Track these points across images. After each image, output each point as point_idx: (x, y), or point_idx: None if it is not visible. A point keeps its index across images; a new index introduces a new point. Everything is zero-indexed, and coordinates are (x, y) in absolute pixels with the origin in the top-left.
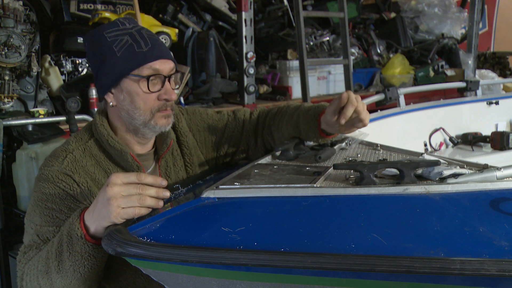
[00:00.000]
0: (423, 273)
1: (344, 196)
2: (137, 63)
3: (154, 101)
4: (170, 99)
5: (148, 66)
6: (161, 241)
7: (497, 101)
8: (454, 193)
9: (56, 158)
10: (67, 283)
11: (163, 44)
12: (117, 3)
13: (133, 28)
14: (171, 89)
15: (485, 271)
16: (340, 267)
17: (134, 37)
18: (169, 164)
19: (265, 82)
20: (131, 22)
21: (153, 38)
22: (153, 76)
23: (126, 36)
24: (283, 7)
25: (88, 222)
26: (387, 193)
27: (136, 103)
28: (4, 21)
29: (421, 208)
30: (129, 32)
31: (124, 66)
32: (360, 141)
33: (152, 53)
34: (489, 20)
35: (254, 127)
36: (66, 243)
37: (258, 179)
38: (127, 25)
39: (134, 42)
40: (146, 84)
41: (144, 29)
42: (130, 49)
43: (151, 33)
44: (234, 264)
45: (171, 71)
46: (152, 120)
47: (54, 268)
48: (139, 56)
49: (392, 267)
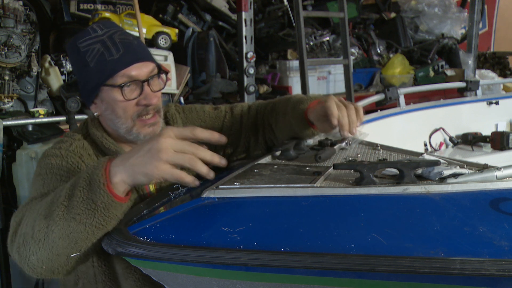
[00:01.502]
0: (423, 273)
1: (344, 196)
2: (109, 72)
3: (133, 108)
4: (150, 104)
5: (121, 74)
6: (161, 241)
7: (497, 101)
8: (454, 193)
9: (62, 143)
10: (65, 235)
11: (139, 46)
12: (117, 3)
13: (105, 34)
14: (151, 93)
15: (485, 271)
16: (340, 267)
17: (105, 45)
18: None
19: (265, 82)
20: (105, 27)
21: (126, 42)
22: (127, 83)
23: (97, 44)
24: (283, 7)
25: (116, 169)
26: (387, 193)
27: (116, 112)
28: (4, 21)
29: (421, 208)
30: (101, 40)
31: (98, 76)
32: (360, 141)
33: (125, 59)
34: (489, 20)
35: (254, 124)
36: (82, 187)
37: (258, 179)
38: (99, 31)
39: (105, 50)
40: (120, 92)
41: (118, 32)
42: (102, 58)
43: (125, 37)
44: (234, 264)
45: (150, 73)
46: (134, 128)
47: (56, 213)
48: (110, 65)
49: (392, 267)
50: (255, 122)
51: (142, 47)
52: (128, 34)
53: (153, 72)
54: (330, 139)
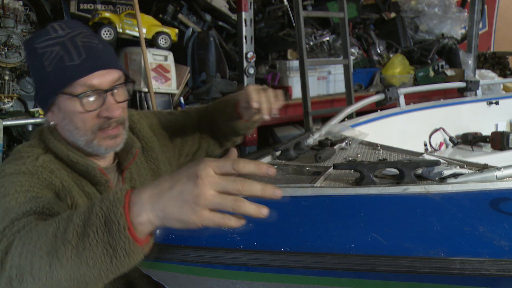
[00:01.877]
0: (423, 273)
1: (344, 196)
2: (68, 80)
3: (93, 120)
4: (112, 116)
5: (82, 82)
6: (161, 241)
7: (497, 101)
8: (454, 193)
9: (23, 159)
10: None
11: (104, 52)
12: (117, 3)
13: (66, 35)
14: (114, 105)
15: (485, 271)
16: (340, 267)
17: (66, 47)
18: (133, 175)
19: (265, 82)
20: (67, 27)
21: (89, 46)
22: (87, 93)
23: (57, 46)
24: (283, 7)
25: (140, 208)
26: (387, 193)
27: (74, 123)
28: (4, 21)
29: (421, 208)
30: (61, 42)
31: (55, 83)
32: (360, 141)
33: (86, 65)
34: (489, 20)
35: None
36: (96, 226)
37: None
38: (59, 32)
39: (65, 53)
40: (79, 102)
41: (82, 34)
42: (60, 63)
43: (90, 40)
44: (234, 264)
45: (114, 82)
46: (95, 141)
47: (63, 253)
48: (69, 71)
49: (392, 267)
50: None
51: (108, 53)
52: (94, 36)
53: (119, 81)
54: (330, 139)
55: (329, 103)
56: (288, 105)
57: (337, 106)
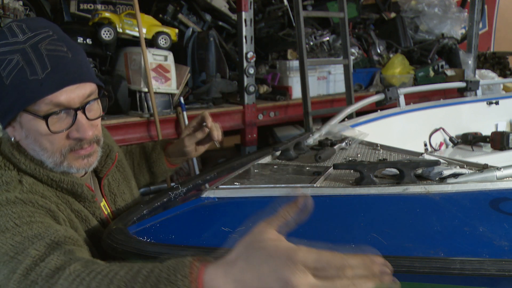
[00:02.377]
0: (423, 273)
1: (344, 196)
2: (31, 98)
3: (63, 141)
4: (84, 138)
5: (47, 101)
6: (161, 241)
7: (497, 101)
8: (454, 193)
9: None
10: None
11: (74, 61)
12: (117, 3)
13: (27, 41)
14: (86, 124)
15: (485, 271)
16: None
17: (28, 57)
18: (110, 181)
19: (265, 82)
20: (29, 29)
21: (56, 56)
22: (54, 113)
23: (16, 54)
24: (283, 7)
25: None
26: (387, 193)
27: (40, 144)
28: (4, 21)
29: (421, 208)
30: (21, 49)
31: (15, 98)
32: (360, 141)
33: (53, 80)
34: (489, 20)
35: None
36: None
37: (258, 179)
38: (19, 36)
39: (27, 65)
40: (45, 124)
41: (47, 40)
42: (21, 76)
43: (56, 46)
44: None
45: (86, 98)
46: (64, 163)
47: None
48: (32, 87)
49: (392, 267)
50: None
51: (78, 62)
52: (62, 41)
53: (91, 96)
54: (330, 139)
55: (329, 103)
56: (288, 105)
57: (337, 106)
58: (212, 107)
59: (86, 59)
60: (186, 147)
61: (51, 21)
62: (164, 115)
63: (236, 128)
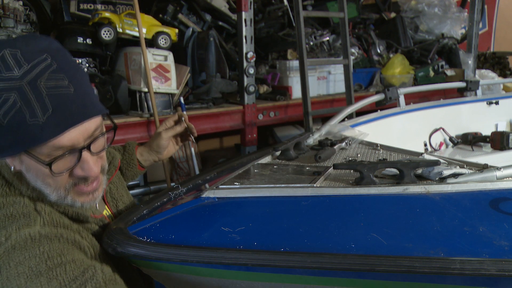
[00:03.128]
0: (423, 273)
1: (344, 196)
2: (32, 142)
3: (67, 178)
4: (88, 176)
5: (50, 145)
6: (161, 241)
7: (497, 101)
8: (454, 193)
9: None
10: None
11: (77, 96)
12: (117, 3)
13: (24, 76)
14: (91, 162)
15: (485, 271)
16: (340, 267)
17: (26, 97)
18: (112, 188)
19: (265, 82)
20: (25, 60)
21: (57, 94)
22: (57, 157)
23: (13, 93)
24: (283, 7)
25: None
26: (387, 193)
27: (43, 180)
28: (4, 21)
29: (421, 208)
30: (18, 87)
31: (13, 142)
32: (360, 141)
33: (55, 124)
34: (489, 20)
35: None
36: None
37: (258, 179)
38: (15, 71)
39: (26, 106)
40: (48, 169)
41: (45, 74)
42: (20, 119)
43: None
44: (234, 264)
45: (91, 136)
46: (68, 197)
47: None
48: (33, 131)
49: (392, 267)
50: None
51: (81, 97)
52: (61, 71)
53: (97, 131)
54: (330, 139)
55: (329, 103)
56: (288, 105)
57: (337, 106)
58: (212, 107)
59: (89, 87)
60: (162, 139)
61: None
62: (164, 115)
63: (236, 128)
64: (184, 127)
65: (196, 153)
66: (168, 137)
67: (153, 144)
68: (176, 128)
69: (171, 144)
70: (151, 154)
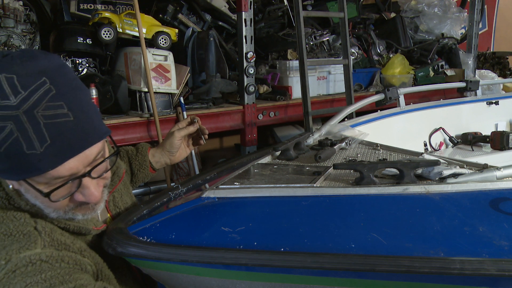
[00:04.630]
0: (423, 273)
1: (344, 196)
2: (29, 173)
3: (67, 202)
4: (89, 202)
5: (48, 175)
6: (161, 241)
7: (497, 101)
8: (454, 193)
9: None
10: None
11: (77, 124)
12: (117, 3)
13: (21, 105)
14: (92, 188)
15: (485, 271)
16: (340, 267)
17: (23, 127)
18: (116, 196)
19: (265, 82)
20: (21, 86)
21: (55, 124)
22: (57, 187)
23: (9, 122)
24: (283, 7)
25: None
26: (387, 193)
27: (42, 202)
28: (4, 21)
29: (421, 208)
30: (14, 116)
31: (10, 169)
32: (360, 141)
33: (53, 155)
34: (489, 20)
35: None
36: None
37: (258, 179)
38: (11, 99)
39: (23, 137)
40: (47, 198)
41: (43, 102)
42: (17, 149)
43: (55, 110)
44: (234, 264)
45: (92, 162)
46: (69, 213)
47: None
48: (31, 162)
49: (392, 267)
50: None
51: (81, 124)
52: (60, 98)
53: (99, 155)
54: (330, 139)
55: (329, 103)
56: (288, 105)
57: (337, 106)
58: (212, 107)
59: (91, 110)
60: (175, 138)
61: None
62: (164, 115)
63: (236, 128)
64: (197, 128)
65: (196, 153)
66: (181, 136)
67: (166, 144)
68: (189, 128)
69: (183, 147)
70: (163, 155)
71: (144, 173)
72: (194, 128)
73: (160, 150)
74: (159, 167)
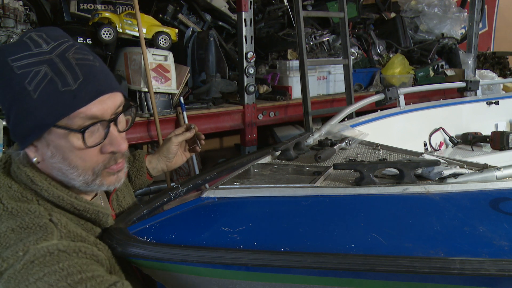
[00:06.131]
0: (423, 273)
1: (344, 196)
2: (64, 111)
3: (96, 157)
4: (118, 151)
5: (82, 114)
6: (161, 241)
7: (497, 101)
8: (454, 193)
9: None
10: None
11: (102, 71)
12: (117, 3)
13: (53, 50)
14: (119, 138)
15: (484, 271)
16: (340, 267)
17: (57, 68)
18: (118, 195)
19: (265, 82)
20: (51, 39)
21: (86, 65)
22: (89, 127)
23: (43, 66)
24: (283, 7)
25: None
26: (387, 193)
27: (70, 162)
28: (4, 21)
29: (421, 208)
30: (49, 59)
31: (45, 114)
32: (360, 141)
33: (87, 90)
34: (489, 20)
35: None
36: None
37: (258, 179)
38: (43, 46)
39: (57, 76)
40: (81, 138)
41: (73, 48)
42: (52, 89)
43: (84, 55)
44: (234, 264)
45: (117, 108)
46: (97, 180)
47: None
48: (66, 99)
49: (392, 267)
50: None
51: (106, 71)
52: (87, 51)
53: (121, 107)
54: (330, 139)
55: (329, 103)
56: (288, 105)
57: (337, 106)
58: (212, 107)
59: (109, 68)
60: (172, 143)
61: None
62: (164, 115)
63: (236, 128)
64: (193, 134)
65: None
66: (179, 141)
67: (163, 149)
68: (186, 134)
69: (179, 153)
70: (160, 161)
71: (141, 179)
72: (191, 134)
73: (156, 156)
74: (156, 173)
